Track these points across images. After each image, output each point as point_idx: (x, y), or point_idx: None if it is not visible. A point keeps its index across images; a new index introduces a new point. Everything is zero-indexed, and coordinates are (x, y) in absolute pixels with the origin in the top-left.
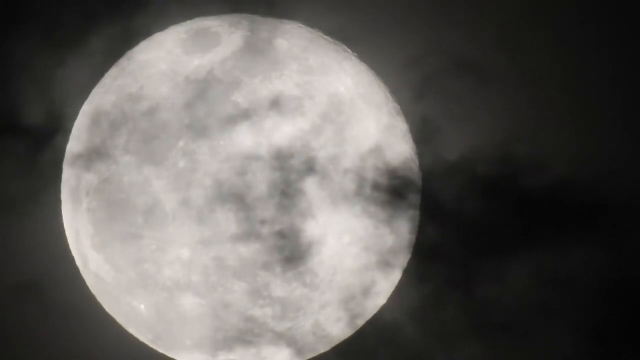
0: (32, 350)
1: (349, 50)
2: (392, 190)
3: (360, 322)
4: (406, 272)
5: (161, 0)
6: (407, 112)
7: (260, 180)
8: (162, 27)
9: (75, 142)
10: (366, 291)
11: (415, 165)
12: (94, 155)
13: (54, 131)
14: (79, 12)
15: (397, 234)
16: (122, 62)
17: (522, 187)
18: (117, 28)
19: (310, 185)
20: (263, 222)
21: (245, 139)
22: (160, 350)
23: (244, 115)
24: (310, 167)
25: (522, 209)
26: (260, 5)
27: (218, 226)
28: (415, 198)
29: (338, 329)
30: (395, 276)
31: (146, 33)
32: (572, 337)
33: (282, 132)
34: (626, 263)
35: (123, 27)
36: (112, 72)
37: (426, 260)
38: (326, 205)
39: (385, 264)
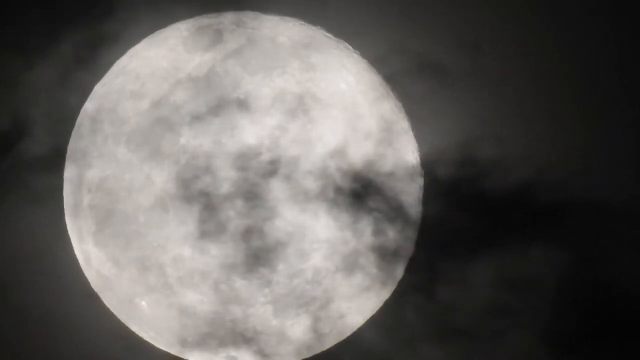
0: (33, 348)
1: (350, 47)
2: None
3: (322, 326)
4: (369, 275)
5: (130, 5)
6: (369, 113)
7: (263, 177)
8: (164, 25)
9: (77, 139)
10: (328, 295)
11: (416, 162)
12: (96, 152)
13: (18, 136)
14: (47, 17)
15: (361, 237)
16: (124, 59)
17: (485, 189)
18: (86, 33)
19: (311, 184)
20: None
21: (247, 135)
22: (162, 348)
23: (246, 111)
24: (311, 166)
25: (484, 211)
26: (261, 3)
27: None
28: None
29: (300, 333)
30: (358, 280)
31: (115, 38)
32: (533, 339)
33: (283, 129)
34: (587, 265)
35: (91, 32)
36: (114, 69)
37: (389, 263)
38: (328, 204)
39: (349, 267)
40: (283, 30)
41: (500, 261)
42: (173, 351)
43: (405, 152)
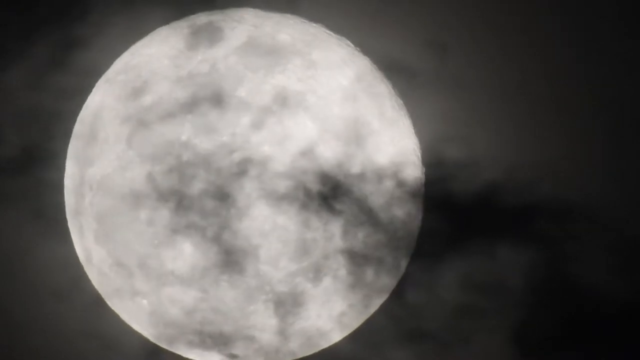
0: (34, 345)
1: (352, 44)
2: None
3: (289, 329)
4: (337, 279)
5: (104, 8)
6: (336, 113)
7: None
8: (165, 21)
9: (78, 137)
10: (296, 298)
11: (418, 159)
12: (97, 149)
13: None
14: (21, 20)
15: (331, 240)
16: (125, 56)
17: (452, 190)
18: (60, 36)
19: (313, 182)
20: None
21: (248, 132)
22: (163, 346)
23: (247, 109)
24: (313, 164)
25: (451, 213)
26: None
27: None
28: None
29: (267, 336)
30: (326, 283)
31: (84, 43)
32: (502, 342)
33: (285, 126)
34: (554, 266)
35: (65, 35)
36: (115, 66)
37: (356, 266)
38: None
39: (317, 270)
40: (284, 28)
41: (468, 263)
42: (173, 349)
43: (406, 149)
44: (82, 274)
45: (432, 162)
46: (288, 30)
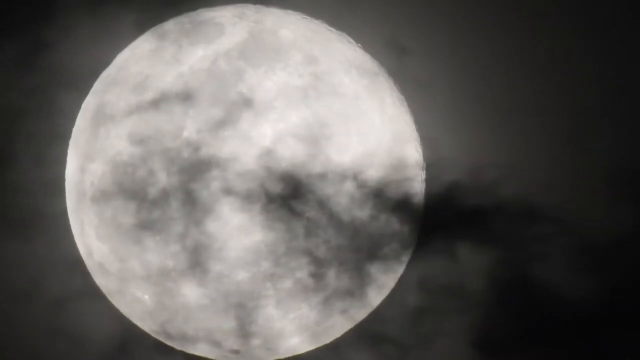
0: (35, 342)
1: (352, 40)
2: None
3: (249, 332)
4: (298, 282)
5: (70, 12)
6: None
7: (267, 171)
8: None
9: (80, 133)
10: (256, 300)
11: (419, 155)
12: (98, 145)
13: None
14: None
15: (295, 242)
16: (126, 52)
17: (412, 192)
18: (27, 38)
19: (318, 181)
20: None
21: (249, 128)
22: (165, 341)
23: (248, 105)
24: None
25: (411, 215)
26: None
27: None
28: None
29: (228, 339)
30: (287, 285)
31: (52, 46)
32: (462, 343)
33: (288, 122)
34: (515, 267)
35: (33, 38)
36: (117, 62)
37: (318, 269)
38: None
39: (279, 272)
40: (285, 24)
41: (428, 265)
42: (176, 345)
43: (407, 146)
44: (45, 274)
45: (393, 163)
46: (289, 26)
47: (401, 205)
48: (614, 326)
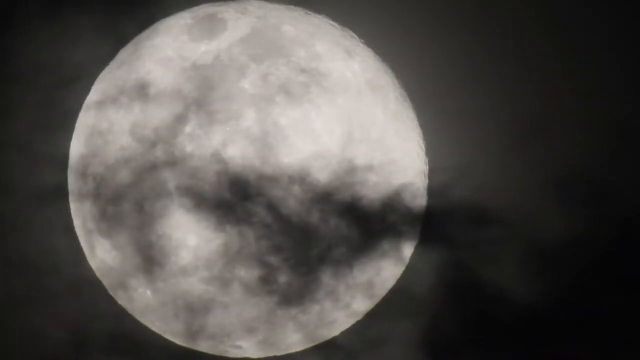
0: (36, 338)
1: (355, 36)
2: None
3: (198, 337)
4: (246, 286)
5: (29, 17)
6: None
7: (273, 171)
8: (167, 13)
9: (82, 128)
10: (206, 306)
11: (422, 150)
12: (101, 141)
13: None
14: None
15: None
16: (129, 47)
17: (361, 195)
18: None
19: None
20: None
21: (252, 125)
22: (167, 338)
23: (251, 101)
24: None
25: (360, 218)
26: None
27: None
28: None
29: (176, 343)
30: (237, 289)
31: (16, 47)
32: (412, 347)
33: (289, 117)
34: (465, 269)
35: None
36: (119, 57)
37: (266, 273)
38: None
39: (227, 276)
40: (288, 19)
41: (378, 268)
42: (178, 341)
43: (409, 142)
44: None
45: (343, 167)
46: (292, 21)
47: (350, 209)
48: (562, 329)
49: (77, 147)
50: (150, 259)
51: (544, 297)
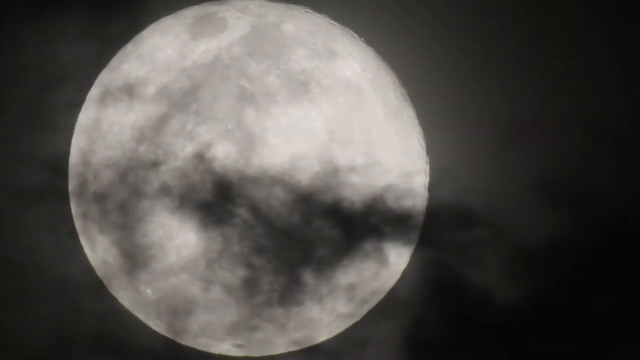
0: (38, 336)
1: (356, 35)
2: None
3: (181, 341)
4: (227, 288)
5: (14, 18)
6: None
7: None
8: (170, 11)
9: (83, 127)
10: (187, 307)
11: (422, 150)
12: (101, 139)
13: None
14: None
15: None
16: (129, 46)
17: (344, 196)
18: None
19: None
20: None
21: (252, 123)
22: (168, 335)
23: (251, 100)
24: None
25: (342, 220)
26: None
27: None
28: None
29: (158, 346)
30: (218, 290)
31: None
32: (395, 349)
33: (289, 116)
34: (447, 271)
35: None
36: (120, 55)
37: (250, 275)
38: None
39: (209, 278)
40: (288, 18)
41: (359, 270)
42: (179, 339)
43: (411, 140)
44: None
45: (326, 167)
46: (292, 20)
47: (332, 211)
48: (545, 330)
49: (65, 146)
50: (133, 259)
51: (528, 298)
